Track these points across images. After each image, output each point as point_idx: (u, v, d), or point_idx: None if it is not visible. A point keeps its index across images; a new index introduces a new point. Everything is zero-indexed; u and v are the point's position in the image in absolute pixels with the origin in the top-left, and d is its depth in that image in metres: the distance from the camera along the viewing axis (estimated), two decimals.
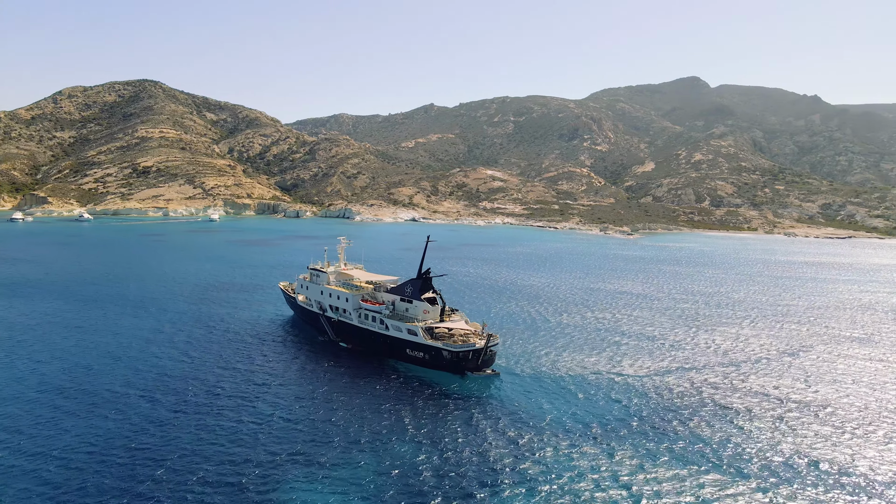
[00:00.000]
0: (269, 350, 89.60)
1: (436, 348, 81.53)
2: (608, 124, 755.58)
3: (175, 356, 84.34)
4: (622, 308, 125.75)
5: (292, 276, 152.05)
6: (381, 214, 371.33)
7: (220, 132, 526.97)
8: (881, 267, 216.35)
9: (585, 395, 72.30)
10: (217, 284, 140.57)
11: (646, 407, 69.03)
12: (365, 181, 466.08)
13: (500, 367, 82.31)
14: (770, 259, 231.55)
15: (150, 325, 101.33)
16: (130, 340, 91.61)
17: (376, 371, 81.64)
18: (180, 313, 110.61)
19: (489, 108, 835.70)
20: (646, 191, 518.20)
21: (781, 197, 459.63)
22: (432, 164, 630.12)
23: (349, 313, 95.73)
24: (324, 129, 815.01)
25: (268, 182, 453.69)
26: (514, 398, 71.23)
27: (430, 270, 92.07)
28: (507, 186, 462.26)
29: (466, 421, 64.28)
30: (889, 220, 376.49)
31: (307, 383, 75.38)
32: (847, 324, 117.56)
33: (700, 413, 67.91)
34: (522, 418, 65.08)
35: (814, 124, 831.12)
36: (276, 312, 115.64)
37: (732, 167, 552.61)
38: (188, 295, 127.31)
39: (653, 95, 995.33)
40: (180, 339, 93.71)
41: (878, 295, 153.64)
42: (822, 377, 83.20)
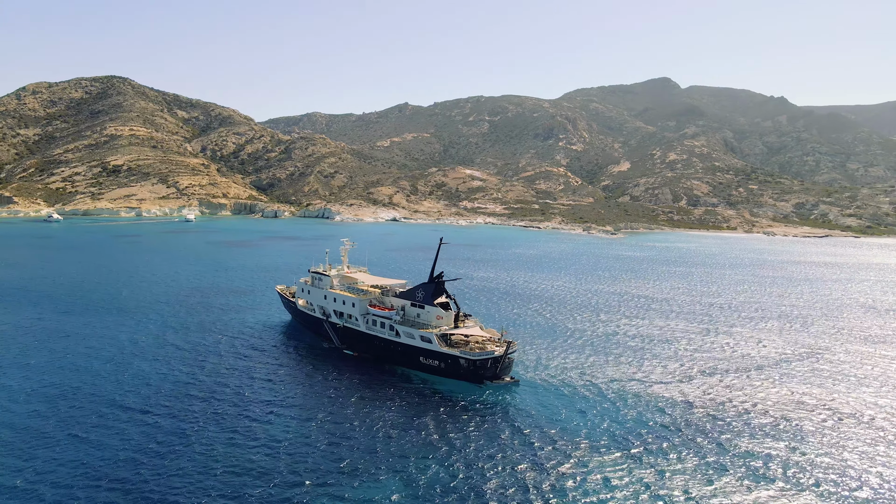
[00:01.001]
0: (270, 360, 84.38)
1: (452, 356, 77.81)
2: (583, 124, 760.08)
3: (167, 370, 78.07)
4: (635, 311, 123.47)
5: (282, 278, 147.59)
6: (361, 214, 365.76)
7: (193, 130, 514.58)
8: (883, 266, 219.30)
9: (608, 405, 69.12)
10: (204, 288, 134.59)
11: (671, 415, 66.29)
12: (342, 181, 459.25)
13: (516, 375, 78.90)
14: (767, 259, 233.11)
15: (135, 335, 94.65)
16: (115, 353, 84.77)
17: (387, 381, 77.37)
18: (168, 321, 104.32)
19: (464, 107, 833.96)
20: (623, 190, 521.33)
21: (756, 196, 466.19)
22: (408, 164, 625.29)
23: (355, 319, 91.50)
24: (296, 127, 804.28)
25: (243, 181, 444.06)
26: (535, 408, 67.69)
27: (443, 274, 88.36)
28: (486, 186, 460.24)
29: (490, 434, 60.60)
30: (861, 219, 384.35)
31: (315, 397, 70.42)
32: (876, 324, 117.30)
33: (728, 421, 65.26)
34: (547, 430, 61.53)
35: (781, 125, 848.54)
36: (272, 318, 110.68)
37: (706, 167, 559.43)
38: (174, 300, 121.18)
39: (625, 96, 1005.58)
40: (171, 349, 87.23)
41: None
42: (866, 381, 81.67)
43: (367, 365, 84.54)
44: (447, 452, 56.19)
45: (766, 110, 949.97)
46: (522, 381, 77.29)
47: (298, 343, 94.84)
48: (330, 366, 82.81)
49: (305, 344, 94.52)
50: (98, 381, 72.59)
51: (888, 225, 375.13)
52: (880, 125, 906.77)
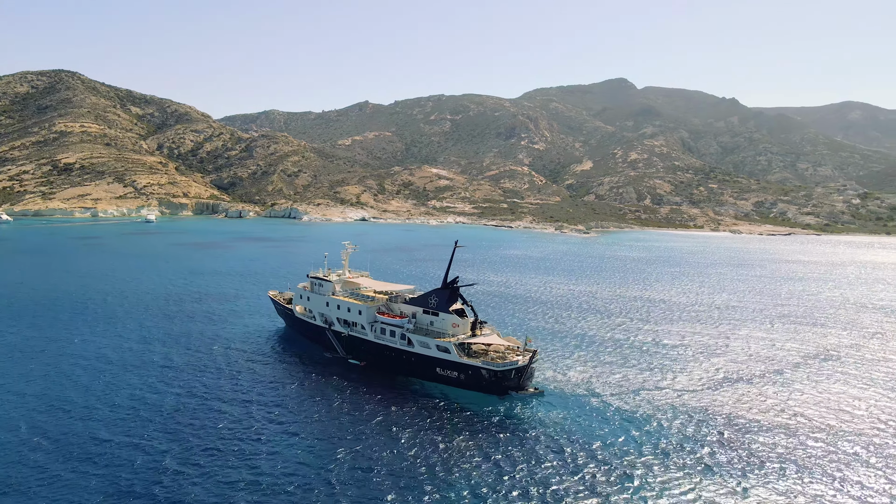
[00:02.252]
0: (270, 372, 78.23)
1: (474, 367, 73.43)
2: (544, 123, 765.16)
3: (157, 387, 70.66)
4: (644, 314, 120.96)
5: (266, 283, 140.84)
6: (329, 214, 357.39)
7: (148, 127, 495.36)
8: (875, 265, 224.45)
9: (638, 415, 65.69)
10: (183, 294, 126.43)
11: (707, 425, 63.39)
12: (307, 180, 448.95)
13: (537, 385, 75.03)
14: (751, 258, 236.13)
15: (116, 348, 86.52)
16: (96, 369, 76.63)
17: (402, 393, 72.41)
18: (151, 332, 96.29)
19: (425, 105, 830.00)
20: (587, 189, 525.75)
21: (716, 195, 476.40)
22: (370, 163, 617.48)
23: (362, 327, 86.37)
24: (254, 125, 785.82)
25: (203, 181, 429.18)
26: (565, 421, 63.70)
27: (458, 279, 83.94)
28: (453, 185, 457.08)
29: (524, 450, 56.44)
30: (819, 217, 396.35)
31: (325, 413, 64.69)
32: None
33: (764, 433, 62.81)
34: (583, 444, 57.68)
35: (734, 126, 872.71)
36: (264, 325, 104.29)
37: (667, 166, 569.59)
38: (154, 308, 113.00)
39: (583, 96, 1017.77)
40: (159, 366, 79.32)
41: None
42: None
43: (376, 376, 79.53)
44: (480, 473, 51.89)
45: (718, 111, 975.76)
46: (545, 391, 73.65)
47: (298, 353, 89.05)
48: (336, 379, 76.80)
49: (306, 354, 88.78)
50: (85, 408, 64.59)
51: (844, 223, 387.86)
52: (824, 126, 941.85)
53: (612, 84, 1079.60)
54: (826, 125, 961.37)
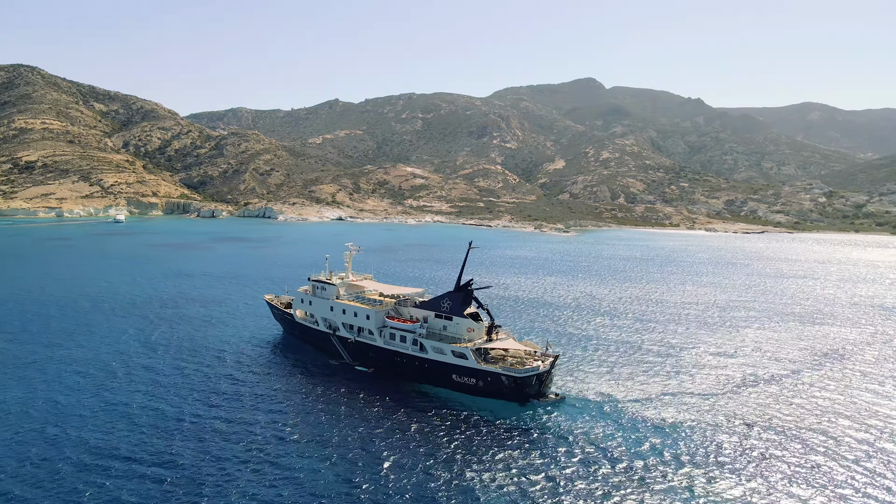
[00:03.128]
0: (273, 383, 73.53)
1: (493, 374, 70.50)
2: (515, 122, 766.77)
3: (149, 403, 64.99)
4: (653, 316, 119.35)
5: (252, 285, 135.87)
6: (305, 214, 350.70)
7: (113, 124, 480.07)
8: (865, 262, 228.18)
9: (660, 421, 63.34)
10: (165, 299, 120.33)
11: (728, 430, 61.40)
12: (280, 178, 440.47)
13: (557, 391, 72.72)
14: (740, 257, 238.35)
15: (97, 359, 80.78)
16: (78, 384, 70.93)
17: (415, 402, 68.87)
18: (140, 338, 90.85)
19: (396, 104, 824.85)
20: (561, 188, 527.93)
21: (688, 194, 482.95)
22: (342, 161, 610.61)
23: (370, 332, 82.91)
24: (221, 123, 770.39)
25: (172, 179, 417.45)
26: (591, 429, 61.00)
27: (473, 281, 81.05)
28: (429, 184, 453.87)
29: (553, 462, 53.74)
30: (788, 215, 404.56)
31: (336, 427, 60.49)
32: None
33: (787, 437, 61.63)
34: (613, 454, 55.38)
35: (700, 126, 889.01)
36: (260, 331, 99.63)
37: (639, 165, 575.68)
38: (135, 313, 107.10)
39: (553, 95, 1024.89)
40: (153, 376, 74.24)
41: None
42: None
43: (386, 384, 75.93)
44: (509, 489, 49.09)
45: (684, 111, 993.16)
46: (566, 397, 71.21)
47: (300, 360, 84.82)
48: (345, 387, 72.94)
49: (309, 361, 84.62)
50: (79, 424, 59.50)
51: (813, 221, 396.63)
52: (786, 127, 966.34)
53: (580, 84, 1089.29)
54: (787, 126, 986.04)
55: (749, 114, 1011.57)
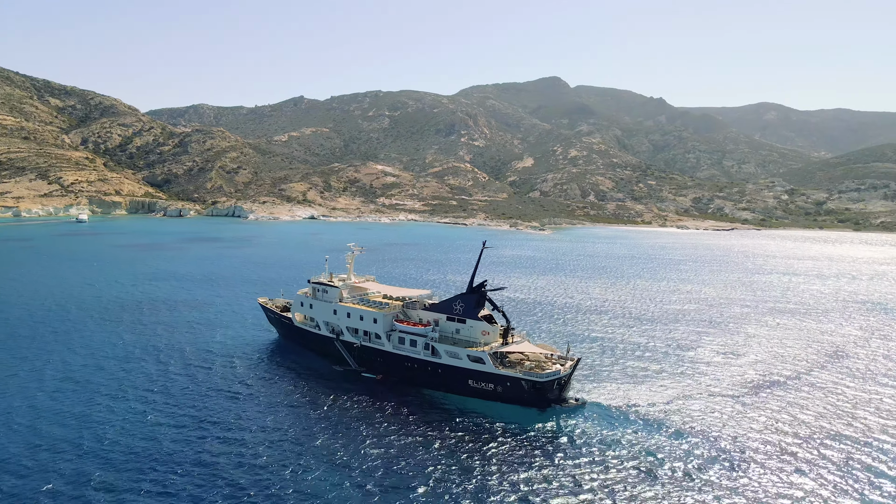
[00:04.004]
0: (274, 393, 69.31)
1: (513, 378, 68.03)
2: (482, 120, 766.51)
3: (138, 420, 59.70)
4: (656, 313, 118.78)
5: (236, 287, 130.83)
6: (276, 213, 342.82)
7: (70, 120, 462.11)
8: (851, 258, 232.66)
9: (683, 425, 61.78)
10: (150, 303, 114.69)
11: (762, 437, 60.31)
12: (247, 177, 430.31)
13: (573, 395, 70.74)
14: (725, 254, 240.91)
15: (93, 369, 75.53)
16: (56, 399, 65.22)
17: (428, 410, 65.96)
18: (113, 347, 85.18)
19: (362, 101, 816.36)
20: (531, 186, 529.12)
21: (656, 192, 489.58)
22: (309, 159, 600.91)
23: (376, 336, 79.62)
24: (182, 120, 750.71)
25: (135, 177, 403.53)
26: (614, 436, 58.99)
27: (487, 283, 78.49)
28: (400, 182, 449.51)
29: (584, 473, 51.55)
30: (754, 212, 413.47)
31: (347, 441, 56.58)
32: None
33: (811, 438, 60.95)
34: (644, 462, 53.67)
35: (662, 124, 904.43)
36: (253, 336, 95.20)
37: (606, 163, 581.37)
38: (112, 318, 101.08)
39: (519, 93, 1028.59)
40: (132, 388, 68.74)
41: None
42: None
43: (396, 390, 72.83)
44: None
45: (647, 110, 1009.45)
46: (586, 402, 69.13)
47: (302, 367, 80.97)
48: (352, 395, 69.21)
49: (311, 368, 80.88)
50: (72, 443, 54.80)
51: (778, 218, 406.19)
52: (743, 126, 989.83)
53: (546, 82, 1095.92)
54: (745, 125, 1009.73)
55: (709, 113, 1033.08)
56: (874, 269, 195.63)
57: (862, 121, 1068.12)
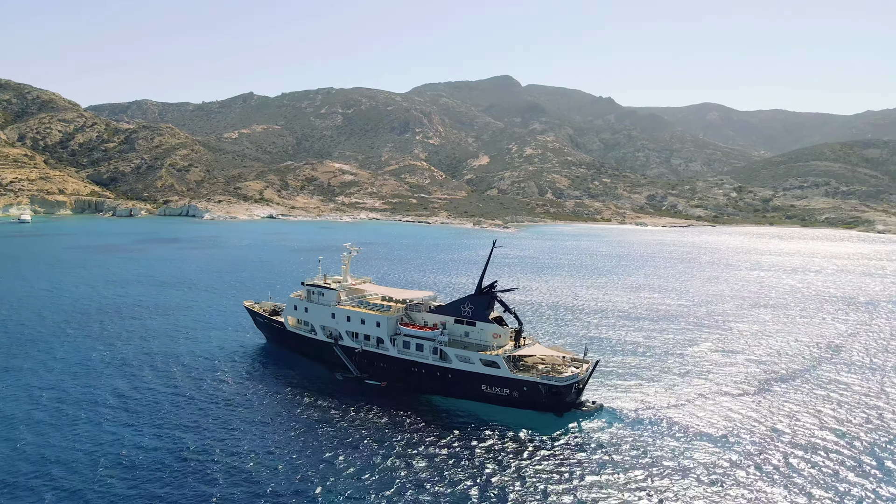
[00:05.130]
0: (273, 404, 65.17)
1: (530, 383, 65.88)
2: (436, 118, 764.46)
3: (127, 441, 54.71)
4: (657, 312, 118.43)
5: (210, 290, 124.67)
6: (234, 212, 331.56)
7: (5, 115, 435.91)
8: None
9: (704, 428, 60.94)
10: (111, 309, 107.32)
11: (785, 438, 59.59)
12: (199, 175, 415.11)
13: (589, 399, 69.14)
14: (699, 252, 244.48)
15: (61, 382, 69.26)
16: (47, 413, 60.25)
17: (441, 418, 63.42)
18: (87, 357, 78.81)
19: (314, 98, 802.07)
20: (488, 184, 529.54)
21: (611, 189, 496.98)
22: (260, 157, 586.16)
23: (379, 341, 76.27)
24: (125, 116, 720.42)
25: (79, 176, 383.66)
26: (638, 440, 57.78)
27: (497, 283, 76.00)
28: (359, 180, 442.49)
29: (622, 479, 50.24)
30: (707, 209, 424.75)
31: (360, 455, 53.19)
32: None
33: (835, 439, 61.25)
34: (673, 467, 52.56)
35: (611, 123, 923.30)
36: (239, 341, 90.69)
37: (561, 161, 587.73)
38: (82, 327, 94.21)
39: (471, 92, 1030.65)
40: (109, 406, 62.78)
41: None
42: None
43: (402, 398, 69.71)
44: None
45: (596, 109, 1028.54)
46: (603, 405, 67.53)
47: (298, 375, 76.97)
48: (357, 404, 65.82)
49: (308, 375, 77.09)
50: (51, 464, 50.31)
51: (730, 215, 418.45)
52: (688, 125, 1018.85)
53: (497, 81, 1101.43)
54: (689, 124, 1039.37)
55: (655, 113, 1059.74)
56: (834, 263, 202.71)
57: (797, 121, 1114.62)
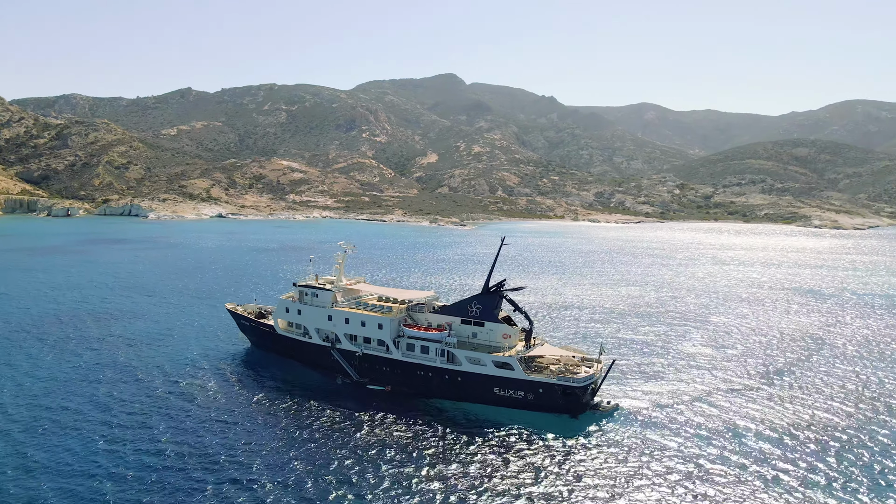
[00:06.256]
0: (272, 413, 60.80)
1: (546, 384, 63.92)
2: (383, 116, 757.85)
3: (120, 461, 49.58)
4: (656, 309, 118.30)
5: (176, 295, 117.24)
6: (180, 211, 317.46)
7: None
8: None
9: (722, 427, 59.89)
10: (76, 316, 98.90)
11: (801, 437, 59.37)
12: (140, 173, 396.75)
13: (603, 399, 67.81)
14: (670, 248, 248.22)
15: (21, 403, 61.93)
16: (34, 429, 55.02)
17: (453, 424, 60.50)
18: (57, 370, 71.87)
19: (257, 94, 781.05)
20: (438, 182, 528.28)
21: (560, 186, 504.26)
22: (202, 155, 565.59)
23: (380, 343, 72.88)
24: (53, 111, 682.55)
25: (7, 173, 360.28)
26: (659, 441, 56.47)
27: (506, 282, 73.76)
28: (308, 178, 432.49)
29: (653, 481, 48.87)
30: (653, 205, 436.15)
31: (373, 467, 49.82)
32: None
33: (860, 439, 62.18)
34: (696, 465, 51.78)
35: (554, 122, 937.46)
36: (221, 347, 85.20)
37: (510, 159, 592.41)
38: (41, 337, 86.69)
39: (416, 90, 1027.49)
40: (105, 418, 57.73)
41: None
42: None
43: (409, 403, 66.48)
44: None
45: (539, 108, 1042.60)
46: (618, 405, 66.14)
47: (294, 381, 72.59)
48: (361, 412, 62.00)
49: (303, 382, 72.73)
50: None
51: (675, 211, 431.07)
52: (627, 124, 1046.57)
53: (442, 79, 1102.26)
54: (628, 123, 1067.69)
55: (596, 112, 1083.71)
56: (788, 257, 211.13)
57: (728, 121, 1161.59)
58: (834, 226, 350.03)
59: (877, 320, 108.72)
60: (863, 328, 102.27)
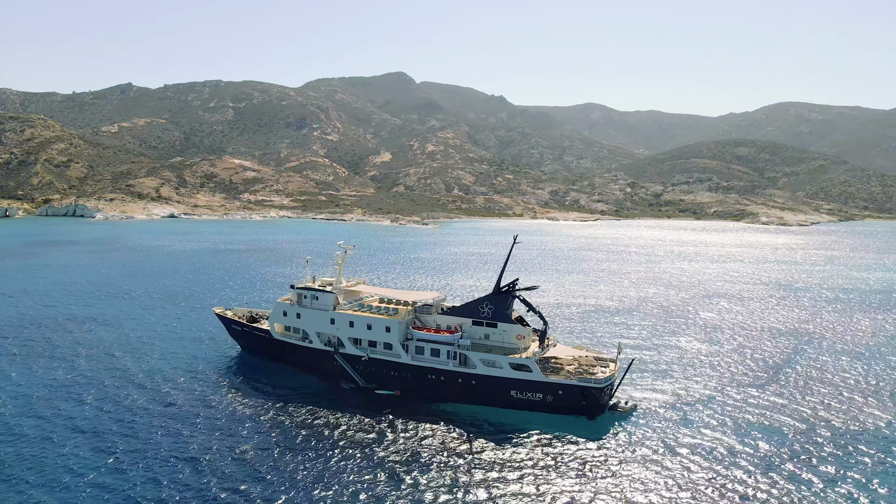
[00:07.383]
0: (277, 425, 57.43)
1: (566, 386, 62.65)
2: (334, 114, 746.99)
3: (120, 477, 46.44)
4: (655, 308, 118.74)
5: (147, 299, 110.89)
6: (130, 211, 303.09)
7: None
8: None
9: (739, 426, 59.61)
10: (45, 323, 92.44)
11: (811, 436, 59.12)
12: (82, 171, 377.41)
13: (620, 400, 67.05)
14: (647, 245, 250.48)
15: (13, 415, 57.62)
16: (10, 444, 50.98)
17: (468, 428, 58.59)
18: (34, 380, 67.00)
19: (202, 91, 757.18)
20: (393, 181, 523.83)
21: (515, 185, 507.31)
22: (146, 152, 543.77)
23: (387, 346, 70.18)
24: None
25: None
26: (681, 441, 55.91)
27: (518, 282, 72.06)
28: (262, 177, 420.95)
29: (679, 481, 48.50)
30: (608, 203, 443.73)
31: (392, 479, 47.54)
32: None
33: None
34: (723, 464, 51.40)
35: (504, 121, 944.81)
36: (209, 354, 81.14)
37: (464, 158, 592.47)
38: (31, 346, 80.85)
39: (366, 88, 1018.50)
40: (96, 431, 54.02)
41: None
42: None
43: (421, 408, 64.14)
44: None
45: (489, 107, 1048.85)
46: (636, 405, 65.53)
47: (292, 389, 69.10)
48: (375, 419, 59.62)
49: (309, 388, 69.63)
50: None
51: (629, 209, 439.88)
52: (574, 124, 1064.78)
53: (392, 77, 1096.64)
54: (575, 123, 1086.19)
55: (545, 111, 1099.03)
56: (751, 252, 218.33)
57: (670, 121, 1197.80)
58: (780, 222, 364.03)
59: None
60: (853, 325, 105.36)
